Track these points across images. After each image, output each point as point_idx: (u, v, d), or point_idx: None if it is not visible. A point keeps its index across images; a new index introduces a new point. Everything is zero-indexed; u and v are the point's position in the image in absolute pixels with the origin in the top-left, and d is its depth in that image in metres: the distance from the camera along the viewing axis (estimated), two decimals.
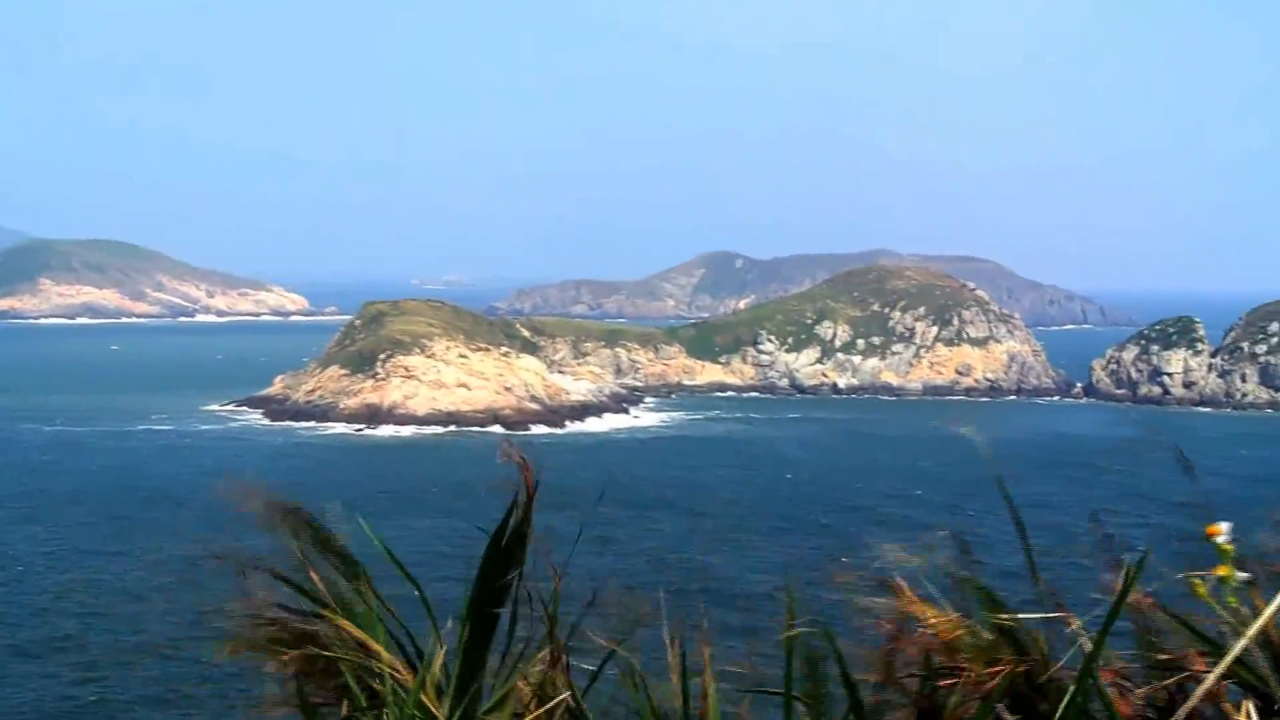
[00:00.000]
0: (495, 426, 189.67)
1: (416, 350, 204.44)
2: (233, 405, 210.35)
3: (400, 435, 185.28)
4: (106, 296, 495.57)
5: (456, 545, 78.11)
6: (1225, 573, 3.98)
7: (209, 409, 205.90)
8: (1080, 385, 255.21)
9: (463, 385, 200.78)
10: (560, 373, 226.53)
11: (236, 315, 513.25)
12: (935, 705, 4.73)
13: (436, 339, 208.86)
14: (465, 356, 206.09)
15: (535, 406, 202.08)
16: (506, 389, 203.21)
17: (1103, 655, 4.45)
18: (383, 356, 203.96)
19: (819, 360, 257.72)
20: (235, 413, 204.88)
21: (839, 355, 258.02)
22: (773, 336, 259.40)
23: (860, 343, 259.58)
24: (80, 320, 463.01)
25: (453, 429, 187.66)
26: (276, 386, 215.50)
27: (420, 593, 5.42)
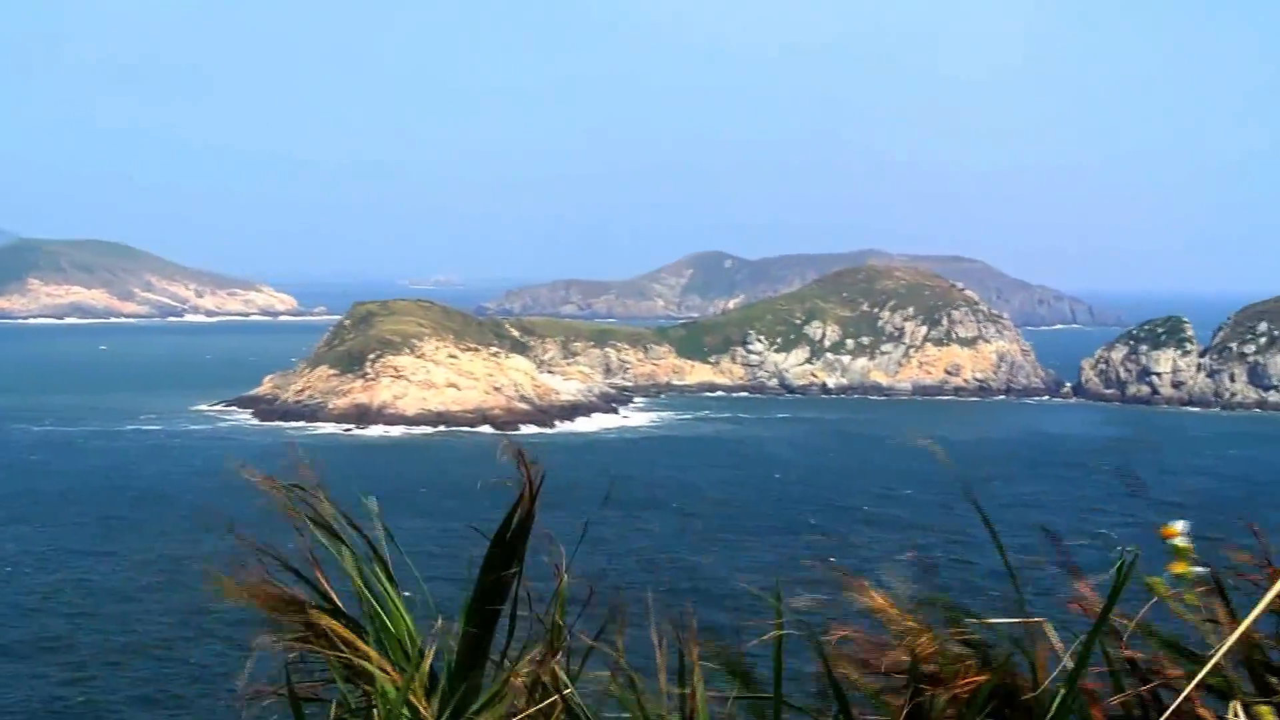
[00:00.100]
0: (485, 427, 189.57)
1: (406, 350, 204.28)
2: (222, 405, 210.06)
3: (390, 435, 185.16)
4: (95, 296, 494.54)
5: (447, 545, 77.88)
6: (1182, 569, 4.01)
7: (198, 409, 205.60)
8: (1069, 385, 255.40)
9: (452, 385, 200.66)
10: (550, 373, 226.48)
11: (225, 315, 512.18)
12: (921, 709, 4.73)
13: (426, 339, 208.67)
14: (455, 356, 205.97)
15: (525, 406, 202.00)
16: (496, 389, 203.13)
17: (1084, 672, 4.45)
18: (372, 356, 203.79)
19: (808, 360, 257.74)
20: (224, 413, 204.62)
21: (828, 355, 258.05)
22: (762, 336, 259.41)
23: (849, 343, 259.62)
24: (69, 320, 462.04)
25: (442, 429, 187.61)
26: (265, 386, 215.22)
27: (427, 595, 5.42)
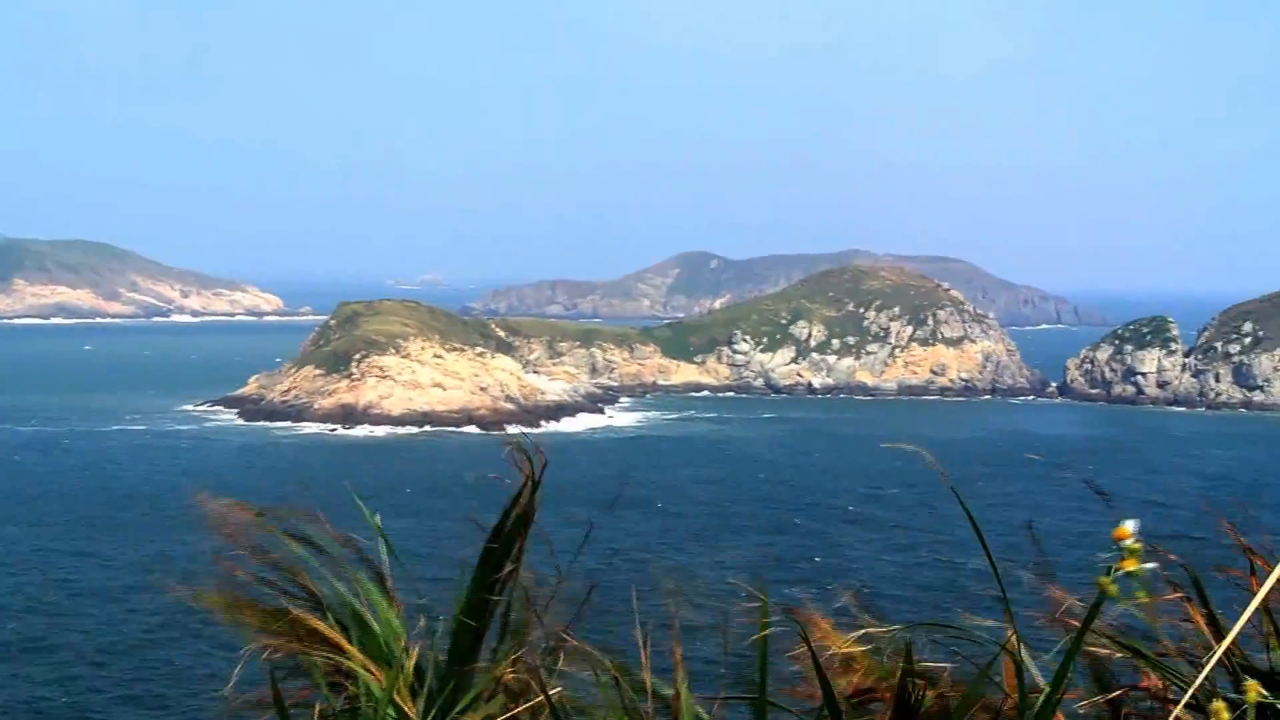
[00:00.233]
0: (470, 427, 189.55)
1: (391, 350, 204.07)
2: (207, 405, 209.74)
3: (375, 435, 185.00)
4: (81, 296, 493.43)
5: (434, 546, 77.95)
6: (1133, 566, 4.04)
7: (184, 409, 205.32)
8: (1055, 385, 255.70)
9: (438, 385, 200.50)
10: (535, 373, 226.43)
11: (211, 315, 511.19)
12: (910, 706, 4.74)
13: (411, 339, 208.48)
14: (440, 356, 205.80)
15: (510, 406, 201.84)
16: (481, 389, 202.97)
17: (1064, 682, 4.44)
18: (358, 356, 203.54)
19: (794, 360, 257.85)
20: (210, 413, 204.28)
21: (814, 355, 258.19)
22: (748, 336, 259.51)
23: (835, 342, 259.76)
24: (54, 320, 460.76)
25: (428, 429, 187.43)
26: (251, 386, 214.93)
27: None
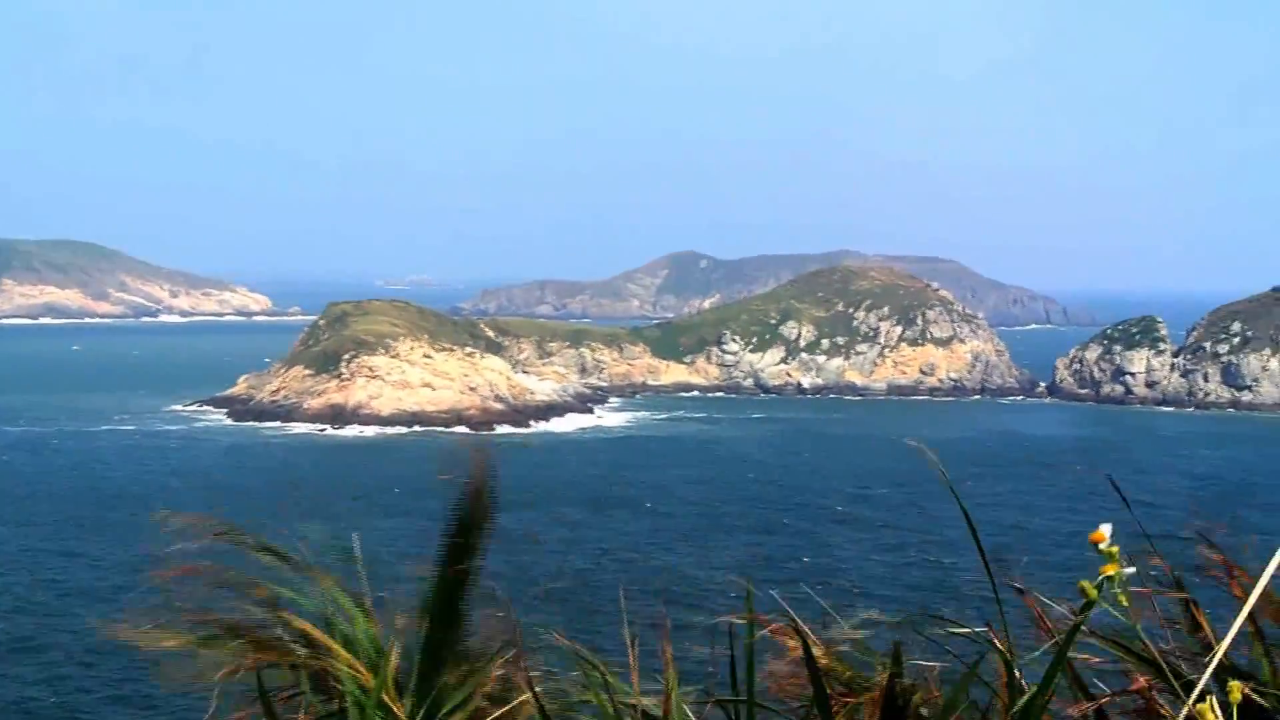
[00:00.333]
0: (460, 427, 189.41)
1: (381, 350, 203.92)
2: (196, 405, 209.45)
3: (365, 435, 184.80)
4: (69, 297, 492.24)
5: (422, 546, 77.94)
6: (1112, 570, 4.05)
7: (173, 409, 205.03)
8: (1044, 385, 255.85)
9: (427, 385, 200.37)
10: (525, 373, 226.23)
11: (200, 315, 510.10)
12: (898, 704, 4.74)
13: (401, 339, 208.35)
14: (430, 357, 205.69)
15: (500, 406, 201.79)
16: (471, 389, 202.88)
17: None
18: (347, 357, 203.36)
19: (783, 360, 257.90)
20: (199, 413, 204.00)
21: (803, 355, 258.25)
22: (737, 336, 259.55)
23: (825, 342, 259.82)
24: (43, 320, 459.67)
25: (417, 429, 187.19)
26: (240, 386, 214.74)
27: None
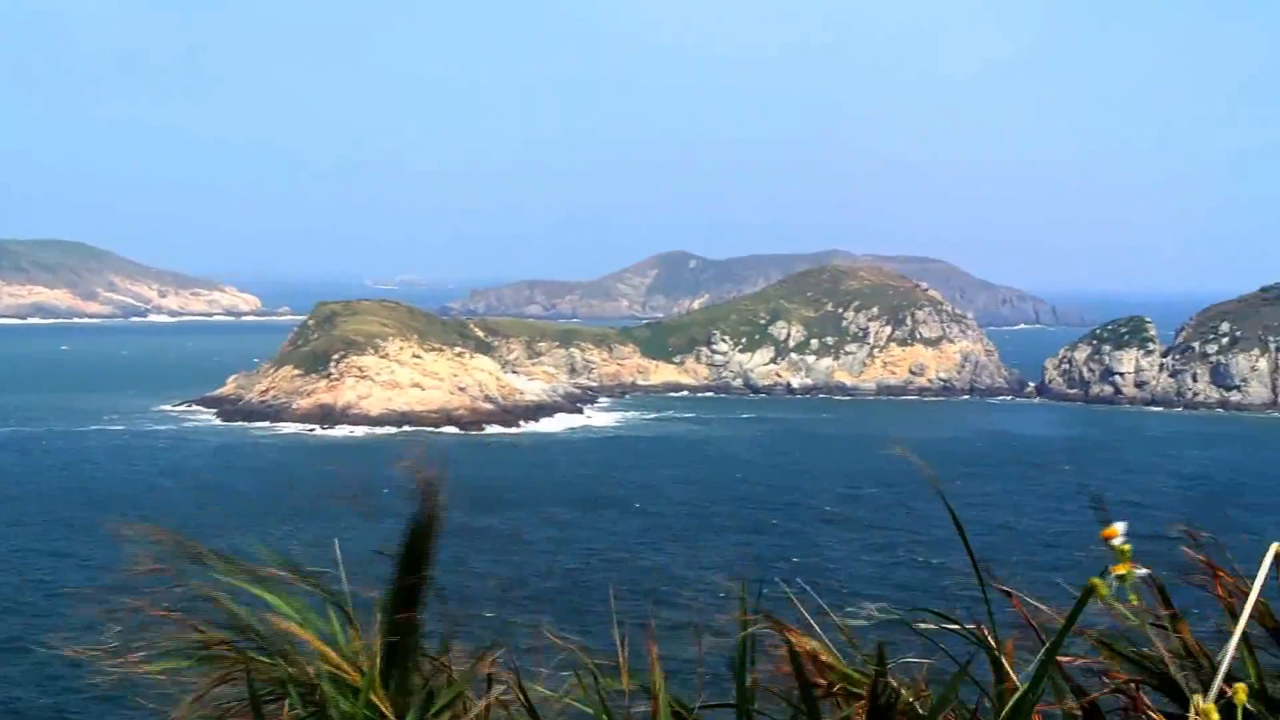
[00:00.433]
0: (449, 427, 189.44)
1: (370, 350, 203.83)
2: (185, 405, 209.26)
3: (354, 435, 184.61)
4: (58, 296, 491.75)
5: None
6: (1124, 570, 4.04)
7: (162, 409, 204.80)
8: (1033, 385, 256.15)
9: (416, 385, 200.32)
10: (514, 373, 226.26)
11: (189, 315, 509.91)
12: (885, 704, 4.75)
13: (390, 339, 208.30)
14: (419, 357, 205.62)
15: (489, 406, 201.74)
16: (460, 389, 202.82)
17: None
18: (336, 357, 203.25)
19: (773, 360, 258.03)
20: (188, 413, 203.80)
21: (793, 355, 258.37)
22: (726, 336, 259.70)
23: (814, 343, 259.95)
24: (31, 320, 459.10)
25: (407, 429, 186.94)
26: (229, 386, 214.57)
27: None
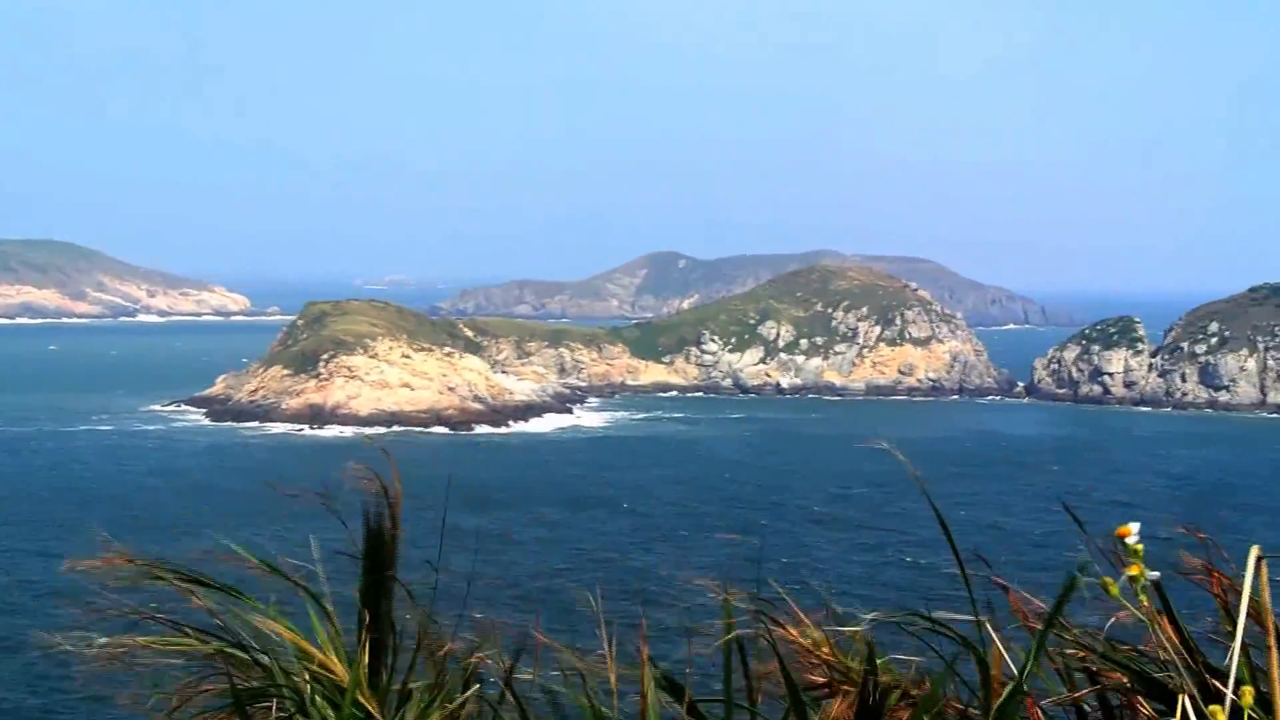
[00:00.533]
0: (438, 427, 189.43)
1: (359, 350, 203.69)
2: (175, 405, 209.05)
3: (343, 435, 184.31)
4: (47, 296, 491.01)
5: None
6: (1136, 572, 4.05)
7: (151, 409, 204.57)
8: (1022, 385, 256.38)
9: (406, 385, 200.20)
10: (503, 373, 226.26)
11: (178, 315, 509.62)
12: (871, 701, 4.75)
13: (379, 339, 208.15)
14: (408, 356, 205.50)
15: (478, 406, 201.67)
16: (450, 389, 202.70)
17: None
18: (325, 356, 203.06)
19: (762, 360, 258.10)
20: (177, 413, 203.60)
21: (782, 355, 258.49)
22: (716, 336, 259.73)
23: (803, 342, 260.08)
24: (20, 320, 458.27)
25: (396, 429, 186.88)
26: (219, 386, 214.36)
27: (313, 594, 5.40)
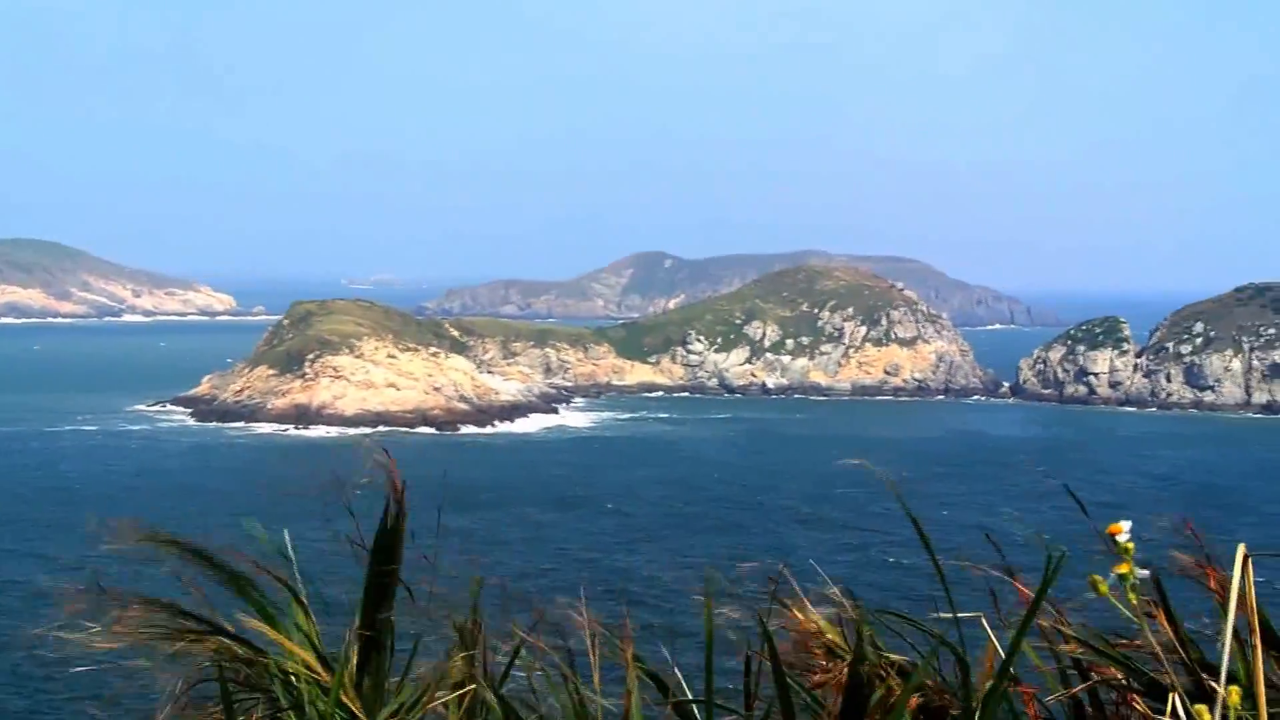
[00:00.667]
0: (424, 427, 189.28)
1: (345, 350, 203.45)
2: (160, 405, 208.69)
3: (329, 436, 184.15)
4: (31, 296, 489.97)
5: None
6: (1125, 570, 4.07)
7: (136, 409, 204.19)
8: (1008, 385, 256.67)
9: (391, 385, 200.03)
10: (489, 373, 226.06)
11: (163, 315, 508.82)
12: (862, 692, 4.75)
13: (365, 339, 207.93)
14: (394, 357, 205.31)
15: (464, 407, 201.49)
16: (435, 389, 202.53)
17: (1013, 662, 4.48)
18: (311, 356, 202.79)
19: (748, 360, 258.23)
20: (162, 413, 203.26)
21: (768, 355, 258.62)
22: (702, 336, 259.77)
23: (789, 343, 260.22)
24: (4, 320, 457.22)
25: (382, 429, 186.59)
26: (204, 386, 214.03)
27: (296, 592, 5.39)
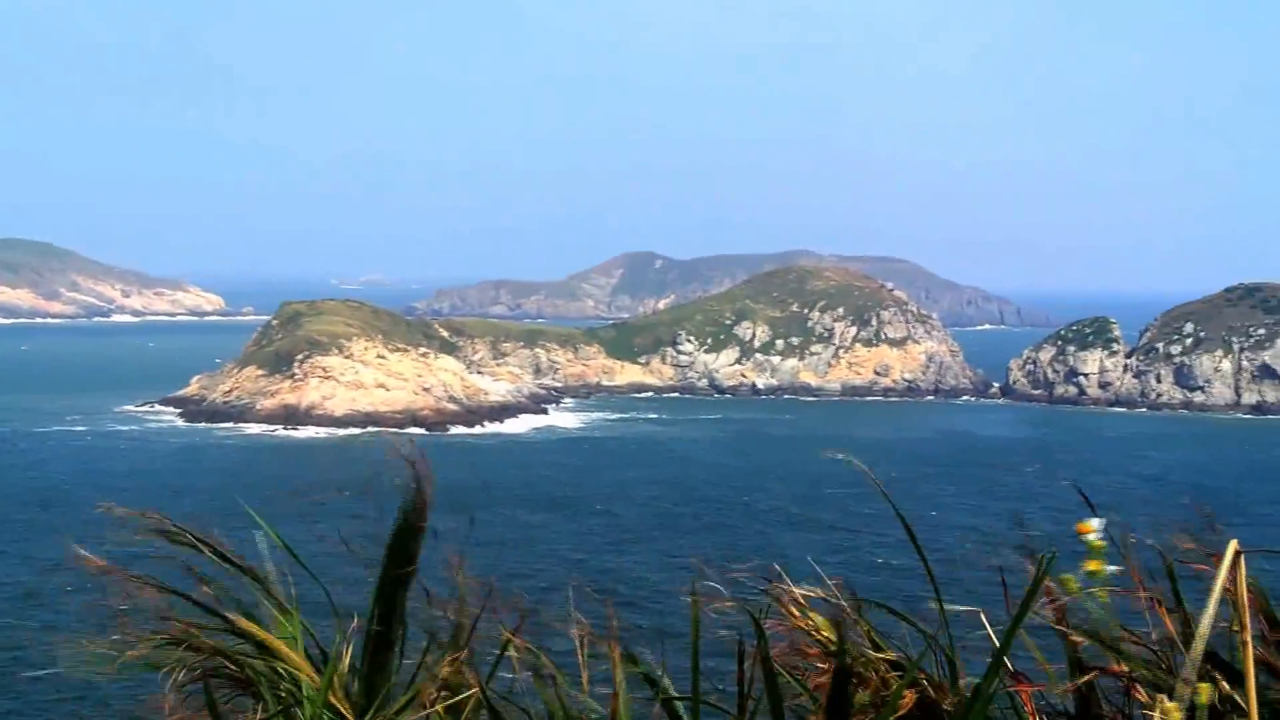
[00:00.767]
0: (413, 428, 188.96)
1: (334, 351, 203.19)
2: (148, 406, 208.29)
3: (318, 436, 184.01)
4: (20, 296, 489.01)
5: (369, 548, 77.63)
6: (1095, 567, 4.09)
7: (124, 409, 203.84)
8: (998, 385, 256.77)
9: (381, 386, 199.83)
10: (479, 373, 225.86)
11: (153, 315, 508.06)
12: (846, 691, 4.75)
13: (355, 339, 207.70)
14: (384, 357, 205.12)
15: (453, 407, 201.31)
16: (425, 389, 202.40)
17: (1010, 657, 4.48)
18: (300, 357, 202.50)
19: (738, 361, 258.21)
20: (151, 413, 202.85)
21: (758, 356, 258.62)
22: (692, 337, 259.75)
23: (779, 343, 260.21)
24: None
25: (371, 430, 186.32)
26: (193, 387, 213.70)
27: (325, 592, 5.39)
